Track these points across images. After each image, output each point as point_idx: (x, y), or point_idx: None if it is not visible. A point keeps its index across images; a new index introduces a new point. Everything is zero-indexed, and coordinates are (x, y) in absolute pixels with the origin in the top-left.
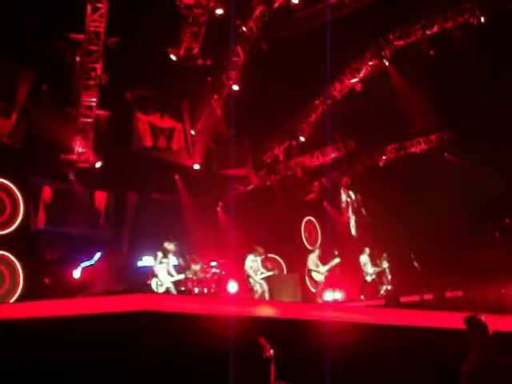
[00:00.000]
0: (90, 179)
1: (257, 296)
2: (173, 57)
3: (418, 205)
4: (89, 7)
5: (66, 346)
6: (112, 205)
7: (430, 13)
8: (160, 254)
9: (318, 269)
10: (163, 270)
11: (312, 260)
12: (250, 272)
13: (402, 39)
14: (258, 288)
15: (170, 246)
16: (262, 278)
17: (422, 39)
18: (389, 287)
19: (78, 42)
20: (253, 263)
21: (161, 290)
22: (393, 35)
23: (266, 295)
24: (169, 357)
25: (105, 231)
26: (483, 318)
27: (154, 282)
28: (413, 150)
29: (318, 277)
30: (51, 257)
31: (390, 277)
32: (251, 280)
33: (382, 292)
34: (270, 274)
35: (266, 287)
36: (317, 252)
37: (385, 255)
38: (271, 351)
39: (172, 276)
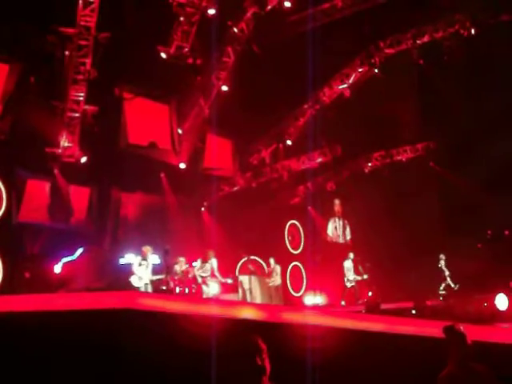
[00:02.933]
0: (74, 174)
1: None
2: (163, 55)
3: (402, 213)
4: (80, 2)
5: (43, 341)
6: (95, 201)
7: (420, 22)
8: (139, 258)
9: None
10: (143, 271)
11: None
12: (198, 274)
13: (393, 47)
14: (205, 289)
15: (147, 249)
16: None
17: (413, 48)
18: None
19: (68, 36)
20: (201, 266)
21: (140, 284)
22: (383, 43)
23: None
24: (148, 355)
25: (87, 227)
26: (462, 327)
27: (134, 278)
28: (399, 157)
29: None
30: (32, 251)
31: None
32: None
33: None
34: (227, 280)
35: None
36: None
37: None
38: (266, 360)
39: (152, 275)
